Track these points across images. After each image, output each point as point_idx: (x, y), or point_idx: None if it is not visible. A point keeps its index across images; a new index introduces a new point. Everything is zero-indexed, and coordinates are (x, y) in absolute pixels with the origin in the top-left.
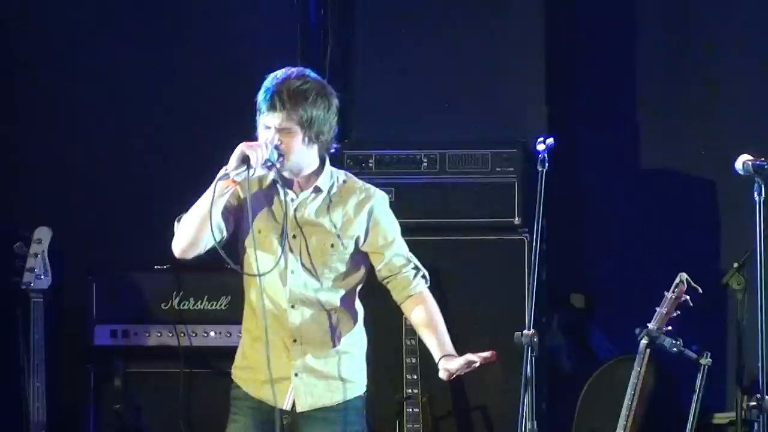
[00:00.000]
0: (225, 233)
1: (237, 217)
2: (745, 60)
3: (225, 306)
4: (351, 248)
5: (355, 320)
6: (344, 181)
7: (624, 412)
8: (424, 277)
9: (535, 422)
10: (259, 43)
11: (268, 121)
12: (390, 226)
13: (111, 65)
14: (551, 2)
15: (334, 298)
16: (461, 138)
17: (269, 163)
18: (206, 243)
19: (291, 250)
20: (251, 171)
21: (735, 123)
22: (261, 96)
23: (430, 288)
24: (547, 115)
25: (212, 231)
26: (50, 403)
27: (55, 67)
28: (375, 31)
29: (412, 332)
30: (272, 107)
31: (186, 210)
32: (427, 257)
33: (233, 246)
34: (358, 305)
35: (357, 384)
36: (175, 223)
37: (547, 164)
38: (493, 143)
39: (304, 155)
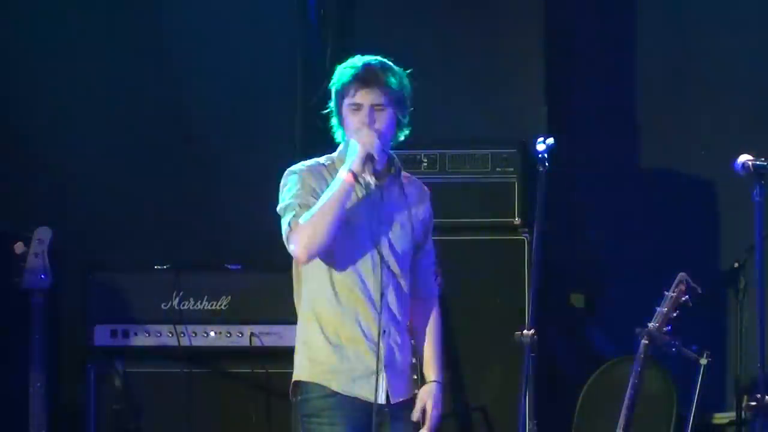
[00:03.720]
0: None
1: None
2: (745, 60)
3: (225, 306)
4: (419, 233)
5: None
6: (400, 169)
7: (624, 412)
8: (439, 284)
9: (535, 422)
10: (259, 43)
11: (360, 99)
12: (431, 227)
13: (111, 65)
14: (551, 3)
15: (409, 282)
16: (461, 138)
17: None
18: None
19: (382, 239)
20: (375, 161)
21: (735, 123)
22: (348, 77)
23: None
24: (547, 115)
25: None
26: (50, 403)
27: (55, 67)
28: (375, 31)
29: (412, 332)
30: (366, 83)
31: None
32: None
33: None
34: None
35: (419, 377)
36: (288, 227)
37: (547, 164)
38: (493, 143)
39: (391, 135)
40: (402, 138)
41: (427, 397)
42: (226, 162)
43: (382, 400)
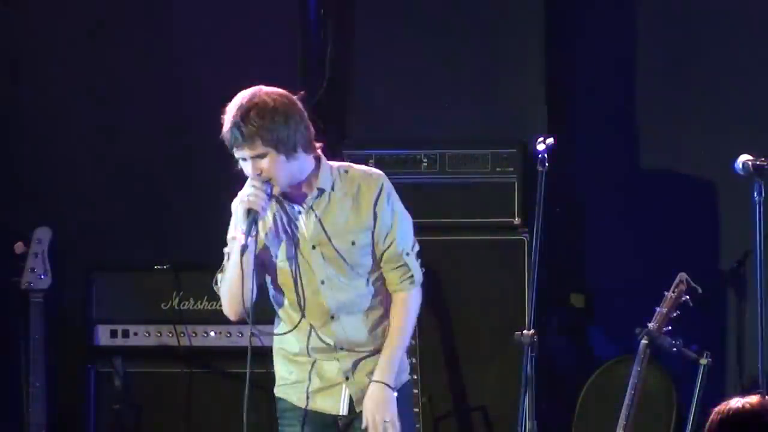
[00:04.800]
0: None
1: (265, 258)
2: (745, 60)
3: None
4: (370, 239)
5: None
6: (346, 171)
7: (624, 412)
8: (411, 278)
9: (535, 422)
10: (259, 43)
11: (239, 154)
12: (389, 214)
13: (110, 65)
14: (551, 2)
15: (369, 294)
16: (461, 138)
17: (270, 198)
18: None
19: (315, 262)
20: (261, 216)
21: (735, 123)
22: (223, 133)
23: (429, 288)
24: (547, 115)
25: (252, 295)
26: (50, 403)
27: (55, 67)
28: (375, 31)
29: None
30: (235, 141)
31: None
32: (427, 257)
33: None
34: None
35: (400, 373)
36: (214, 285)
37: (547, 164)
38: (493, 143)
39: (291, 169)
40: (312, 154)
41: (369, 405)
42: (226, 162)
43: (344, 411)
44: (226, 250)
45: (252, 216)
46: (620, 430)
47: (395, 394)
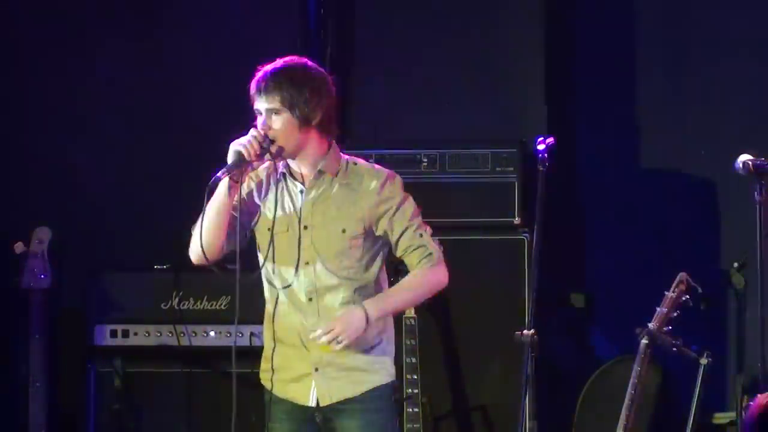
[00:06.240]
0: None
1: (251, 211)
2: (745, 60)
3: (225, 306)
4: (362, 230)
5: None
6: (354, 164)
7: (624, 412)
8: (429, 255)
9: (535, 422)
10: (259, 43)
11: (257, 105)
12: (399, 208)
13: (110, 65)
14: (551, 2)
15: (352, 286)
16: (461, 138)
17: (264, 152)
18: (223, 247)
19: (304, 241)
20: (249, 165)
21: (735, 123)
22: (251, 84)
23: None
24: (547, 115)
25: (237, 234)
26: (50, 403)
27: (55, 67)
28: (375, 31)
29: (412, 332)
30: (257, 90)
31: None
32: None
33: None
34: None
35: (383, 372)
36: (192, 232)
37: (547, 164)
38: (493, 143)
39: (296, 137)
40: (326, 138)
41: (337, 318)
42: (225, 162)
43: (312, 403)
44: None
45: (237, 158)
46: (620, 430)
47: (366, 325)
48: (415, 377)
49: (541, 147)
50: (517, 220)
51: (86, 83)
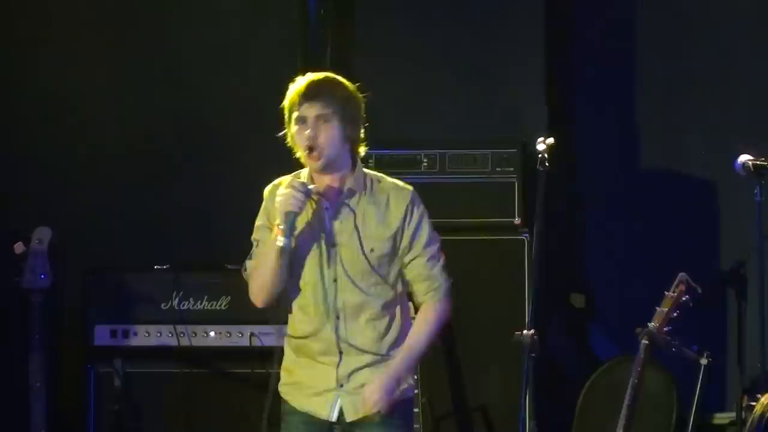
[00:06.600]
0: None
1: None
2: (745, 59)
3: (225, 306)
4: (389, 249)
5: (403, 323)
6: (378, 181)
7: (624, 412)
8: (437, 289)
9: (535, 422)
10: (259, 42)
11: (304, 112)
12: (418, 227)
13: (110, 65)
14: (551, 2)
15: (379, 303)
16: (461, 138)
17: (308, 198)
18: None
19: (332, 259)
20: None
21: (735, 122)
22: (293, 93)
23: None
24: (547, 115)
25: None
26: (50, 403)
27: (55, 67)
28: (375, 31)
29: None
30: (308, 96)
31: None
32: None
33: None
34: (406, 307)
35: (404, 384)
36: (243, 271)
37: (547, 164)
38: (493, 143)
39: (339, 148)
40: (362, 153)
41: (368, 389)
42: (225, 162)
43: (333, 418)
44: (254, 237)
45: (291, 217)
46: (620, 430)
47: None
48: (415, 377)
49: (541, 147)
50: (517, 221)
51: (86, 83)
